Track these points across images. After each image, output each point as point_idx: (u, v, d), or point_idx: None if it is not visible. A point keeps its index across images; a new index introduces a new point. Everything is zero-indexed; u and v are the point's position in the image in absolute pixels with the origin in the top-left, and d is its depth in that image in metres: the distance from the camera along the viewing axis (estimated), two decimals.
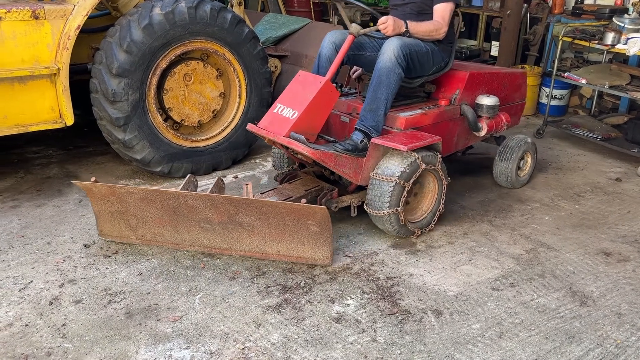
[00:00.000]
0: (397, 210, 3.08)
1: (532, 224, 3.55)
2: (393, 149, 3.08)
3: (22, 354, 2.29)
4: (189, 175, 3.22)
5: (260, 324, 2.51)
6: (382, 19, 3.18)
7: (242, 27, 4.14)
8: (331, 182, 3.44)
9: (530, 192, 4.05)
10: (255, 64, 4.27)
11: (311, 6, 9.35)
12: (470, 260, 3.10)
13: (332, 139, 3.34)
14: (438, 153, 3.25)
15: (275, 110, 3.16)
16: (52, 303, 2.61)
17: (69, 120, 3.72)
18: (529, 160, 4.11)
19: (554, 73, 5.22)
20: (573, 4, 6.18)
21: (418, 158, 3.10)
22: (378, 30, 3.25)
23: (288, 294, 2.74)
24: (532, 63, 6.27)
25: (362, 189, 3.31)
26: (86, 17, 3.60)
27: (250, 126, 3.22)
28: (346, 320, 2.56)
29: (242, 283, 2.83)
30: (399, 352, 2.36)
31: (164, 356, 2.29)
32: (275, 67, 5.10)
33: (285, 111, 3.10)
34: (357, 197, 3.32)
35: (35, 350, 2.31)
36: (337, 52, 3.26)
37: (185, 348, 2.35)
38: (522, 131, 5.59)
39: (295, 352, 2.34)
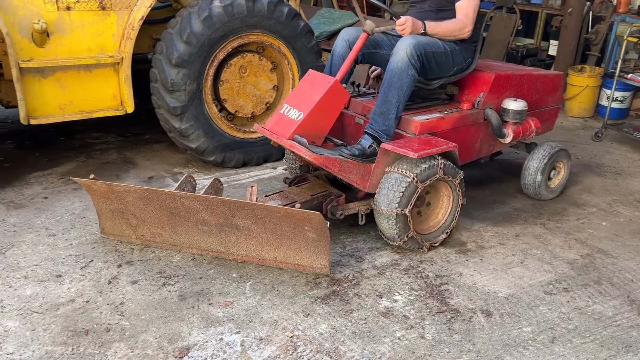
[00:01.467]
0: (404, 210, 2.88)
1: (588, 229, 3.44)
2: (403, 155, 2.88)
3: (83, 328, 2.40)
4: (186, 174, 3.16)
5: (308, 314, 2.54)
6: (402, 19, 3.00)
7: (297, 20, 4.18)
8: (342, 187, 3.24)
9: (586, 196, 3.93)
10: (309, 58, 4.30)
11: (364, 1, 9.32)
12: (522, 263, 3.04)
13: (340, 142, 3.15)
14: (456, 166, 3.05)
15: (282, 111, 3.04)
16: (110, 282, 2.72)
17: (130, 107, 3.86)
18: (562, 170, 3.83)
19: (616, 74, 5.03)
20: (639, 3, 5.93)
21: (440, 164, 2.93)
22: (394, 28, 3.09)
23: (336, 286, 2.76)
24: (592, 63, 6.05)
25: (371, 196, 3.10)
26: (150, 9, 3.72)
27: (256, 127, 3.14)
28: (394, 316, 2.56)
29: (291, 273, 2.87)
30: (447, 350, 2.35)
31: (215, 339, 2.36)
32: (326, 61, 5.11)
33: (291, 112, 2.98)
34: (365, 205, 3.12)
35: (95, 325, 2.42)
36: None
37: (236, 332, 2.40)
38: (580, 134, 5.42)
39: (343, 344, 2.36)
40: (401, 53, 2.95)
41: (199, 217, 2.77)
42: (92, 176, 2.92)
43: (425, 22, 3.07)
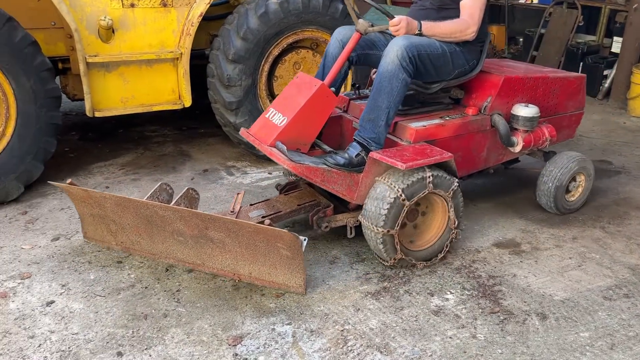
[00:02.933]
0: (390, 232, 2.67)
1: None
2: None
3: (142, 313, 2.50)
4: (161, 182, 3.01)
5: (359, 309, 2.56)
6: (396, 19, 2.76)
7: (349, 19, 4.18)
8: (334, 197, 2.96)
9: None
10: None
11: None
12: (579, 266, 2.95)
13: (330, 149, 2.91)
14: (454, 177, 2.80)
15: (267, 115, 2.85)
16: (167, 270, 2.82)
17: (187, 102, 3.97)
18: (583, 182, 3.47)
19: None
20: None
21: (429, 177, 2.68)
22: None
23: (387, 283, 2.76)
24: None
25: (362, 207, 2.83)
26: (209, 5, 3.82)
27: (242, 131, 2.97)
28: (445, 314, 2.54)
29: (342, 267, 2.89)
30: (499, 351, 2.31)
31: (267, 329, 2.41)
32: None
33: (276, 117, 2.79)
34: (354, 217, 2.90)
35: (153, 310, 2.52)
36: None
37: (288, 324, 2.45)
38: None
39: (393, 340, 2.36)
40: (391, 55, 2.72)
41: (174, 227, 2.66)
42: (69, 181, 2.83)
43: (422, 22, 2.84)
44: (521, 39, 8.21)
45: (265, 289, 2.69)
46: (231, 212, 2.88)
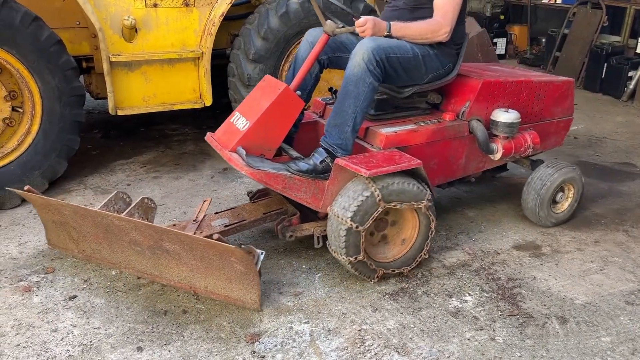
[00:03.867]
0: (356, 258, 2.58)
1: None
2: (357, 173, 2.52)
3: (162, 309, 2.53)
4: (116, 191, 2.93)
5: (376, 309, 2.56)
6: (361, 20, 2.62)
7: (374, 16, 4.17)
8: (304, 205, 2.78)
9: None
10: None
11: None
12: (601, 270, 2.91)
13: (297, 154, 2.80)
14: (422, 182, 2.63)
15: (231, 119, 2.75)
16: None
17: (208, 101, 4.01)
18: (571, 193, 3.32)
19: None
20: None
21: (375, 190, 2.49)
22: None
23: (405, 284, 2.76)
24: None
25: None
26: (230, 5, 3.85)
27: (207, 136, 2.86)
28: (464, 316, 2.52)
29: None
30: (518, 354, 2.29)
31: (285, 327, 2.42)
32: None
33: (239, 121, 2.68)
34: (322, 226, 2.78)
35: (172, 307, 2.55)
36: None
37: (305, 322, 2.46)
38: None
39: (411, 340, 2.35)
40: (357, 58, 2.60)
41: (131, 237, 2.58)
42: (26, 187, 2.76)
43: (391, 22, 2.70)
44: (544, 40, 8.12)
45: (283, 287, 2.70)
46: (194, 220, 2.79)
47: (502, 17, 8.47)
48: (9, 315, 2.45)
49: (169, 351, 2.27)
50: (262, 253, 2.42)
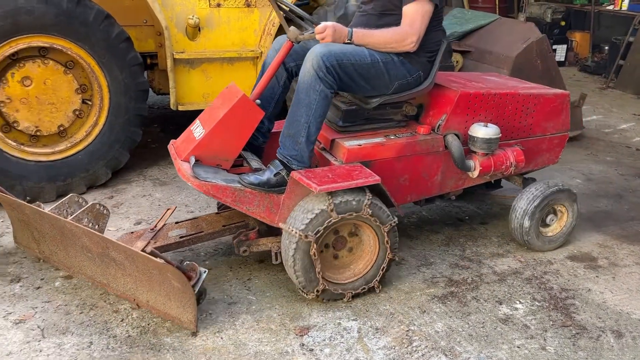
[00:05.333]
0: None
1: None
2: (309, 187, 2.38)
3: (214, 297, 2.62)
4: (71, 194, 2.83)
5: (425, 311, 2.56)
6: (320, 26, 2.47)
7: None
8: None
9: None
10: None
11: (496, 2, 9.02)
12: None
13: (257, 166, 2.66)
14: (367, 198, 2.45)
15: (192, 127, 2.67)
16: (240, 259, 2.93)
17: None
18: (564, 216, 3.08)
19: None
20: None
21: (329, 204, 2.37)
22: None
23: (454, 288, 2.75)
24: None
25: None
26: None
27: (170, 144, 2.78)
28: (514, 323, 2.49)
29: (409, 269, 2.90)
30: None
31: (333, 323, 2.46)
32: (457, 62, 5.04)
33: (197, 130, 2.60)
34: (278, 241, 2.62)
35: (225, 296, 2.64)
36: None
37: (353, 320, 2.49)
38: None
39: (459, 344, 2.35)
40: (307, 65, 2.47)
41: (82, 242, 2.48)
42: None
43: (354, 29, 2.56)
44: (607, 47, 7.84)
45: None
46: (151, 229, 2.70)
47: (563, 23, 8.24)
48: (74, 295, 2.60)
49: (221, 338, 2.35)
50: (204, 272, 2.35)
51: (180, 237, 2.71)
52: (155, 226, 2.72)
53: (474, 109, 2.88)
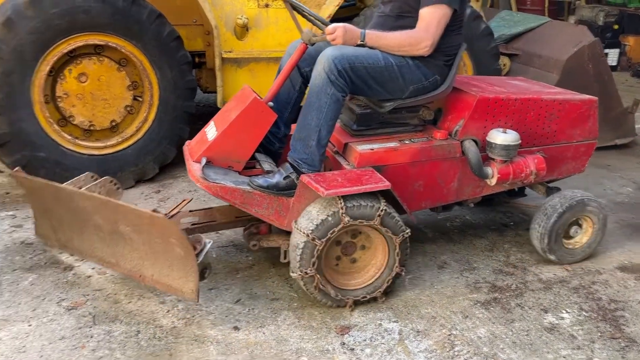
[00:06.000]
0: (307, 273, 2.41)
1: None
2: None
3: (256, 293, 2.66)
4: (87, 172, 2.86)
5: (467, 316, 2.53)
6: (330, 28, 2.45)
7: (479, 22, 4.13)
8: None
9: None
10: (486, 61, 4.24)
11: (545, 4, 8.82)
12: None
13: (269, 168, 2.64)
14: (382, 204, 2.41)
15: (206, 129, 2.68)
16: (285, 258, 2.94)
17: None
18: (589, 228, 2.94)
19: None
20: None
21: (342, 208, 2.36)
22: None
23: (497, 294, 2.71)
24: None
25: None
26: (337, 7, 3.95)
27: (185, 144, 2.81)
28: (560, 333, 2.43)
29: (451, 274, 2.87)
30: None
31: (374, 324, 2.46)
32: (504, 65, 4.96)
33: (211, 131, 2.61)
34: (288, 240, 2.58)
35: (267, 292, 2.67)
36: None
37: (394, 322, 2.48)
38: None
39: (502, 351, 2.31)
40: (318, 68, 2.44)
41: (94, 221, 2.47)
42: (16, 169, 2.68)
43: (367, 31, 2.53)
44: None
45: None
46: (165, 215, 2.63)
47: (615, 26, 7.98)
48: (123, 285, 2.69)
49: (263, 333, 2.39)
50: (209, 242, 2.33)
51: (192, 225, 2.72)
52: (170, 212, 2.74)
53: (493, 114, 2.80)
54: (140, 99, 3.75)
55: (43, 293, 2.61)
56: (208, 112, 5.52)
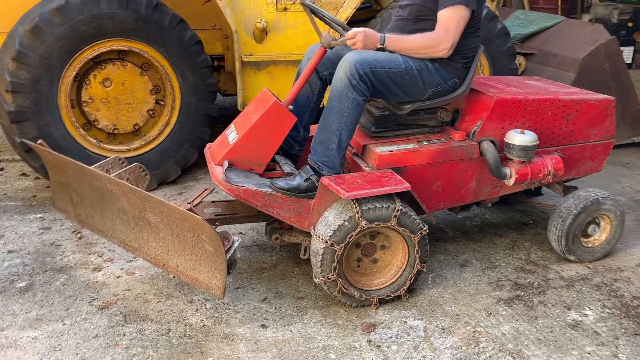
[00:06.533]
0: (329, 278, 2.45)
1: None
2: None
3: (282, 291, 2.72)
4: (115, 156, 2.93)
5: (491, 313, 2.57)
6: (350, 32, 2.45)
7: (495, 22, 4.16)
8: None
9: None
10: (502, 60, 4.27)
11: (558, 2, 8.79)
12: None
13: (289, 170, 2.69)
14: (397, 204, 2.44)
15: (227, 132, 2.72)
16: (305, 254, 3.00)
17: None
18: (608, 226, 2.96)
19: None
20: None
21: (357, 212, 2.39)
22: None
23: (520, 291, 2.73)
24: None
25: None
26: (355, 9, 3.99)
27: (206, 147, 2.85)
28: (583, 330, 2.46)
29: (473, 272, 2.91)
30: None
31: (399, 321, 2.50)
32: (520, 64, 4.97)
33: (232, 134, 2.65)
34: (309, 237, 2.63)
35: (293, 291, 2.72)
36: None
37: (419, 319, 2.52)
38: None
39: (527, 348, 2.34)
40: (340, 72, 2.49)
41: (120, 204, 2.50)
42: (40, 141, 2.73)
43: (387, 34, 2.55)
44: None
45: None
46: (188, 203, 2.74)
47: (630, 24, 7.95)
48: (151, 285, 2.75)
49: (291, 331, 2.43)
50: (237, 240, 2.36)
51: (215, 215, 2.77)
52: (193, 202, 2.76)
53: (510, 115, 2.83)
54: (162, 103, 3.83)
55: (75, 293, 2.68)
56: (226, 114, 5.59)
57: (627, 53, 7.79)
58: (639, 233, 3.32)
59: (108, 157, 3.66)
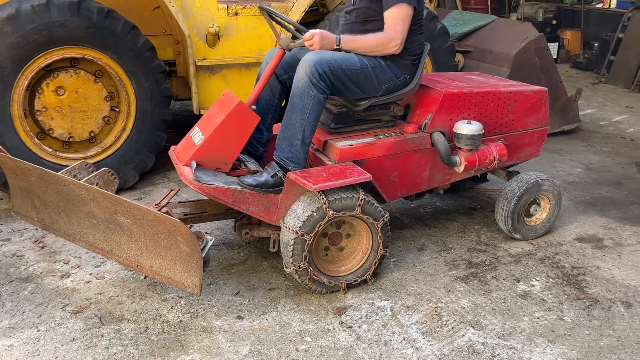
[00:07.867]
0: (300, 267, 2.60)
1: None
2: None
3: (253, 284, 2.82)
4: (82, 161, 2.97)
5: (449, 290, 2.78)
6: (308, 34, 2.61)
7: (435, 22, 4.42)
8: None
9: None
10: (444, 58, 4.52)
11: (488, 3, 9.30)
12: None
13: (254, 168, 2.81)
14: (361, 194, 2.60)
15: (191, 134, 2.80)
16: (274, 247, 3.11)
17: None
18: (547, 205, 3.26)
19: None
20: None
21: (325, 203, 2.54)
22: None
23: (474, 269, 2.97)
24: None
25: None
26: (304, 13, 4.15)
27: (170, 150, 2.92)
28: (532, 298, 2.72)
29: (430, 254, 3.12)
30: (587, 332, 2.47)
31: (367, 303, 2.67)
32: (458, 61, 5.29)
33: (196, 135, 2.74)
34: (277, 231, 2.78)
35: (264, 283, 2.84)
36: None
37: (385, 300, 2.70)
38: None
39: (484, 318, 2.57)
40: (300, 72, 2.61)
41: (88, 208, 2.52)
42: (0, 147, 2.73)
43: (341, 35, 2.71)
44: (596, 44, 8.14)
45: None
46: (155, 205, 2.77)
47: (554, 22, 8.54)
48: (123, 287, 2.79)
49: (267, 320, 2.55)
50: (211, 239, 2.44)
51: (185, 215, 2.85)
52: (159, 203, 2.80)
53: (457, 107, 3.05)
54: (117, 109, 3.83)
55: (45, 300, 2.68)
56: (176, 119, 5.60)
57: (553, 49, 8.36)
58: (573, 211, 3.65)
59: (65, 166, 3.68)
